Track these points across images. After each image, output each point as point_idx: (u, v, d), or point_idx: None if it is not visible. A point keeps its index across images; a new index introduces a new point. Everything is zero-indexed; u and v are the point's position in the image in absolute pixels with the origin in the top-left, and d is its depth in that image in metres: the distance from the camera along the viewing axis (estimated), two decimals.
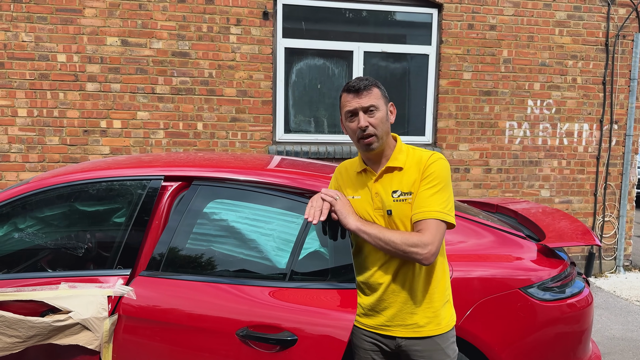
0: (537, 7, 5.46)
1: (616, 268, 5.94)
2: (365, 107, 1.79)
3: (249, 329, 1.92)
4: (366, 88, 1.80)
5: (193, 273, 2.11)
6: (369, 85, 1.81)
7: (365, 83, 1.81)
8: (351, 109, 1.81)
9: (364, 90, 1.80)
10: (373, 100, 1.80)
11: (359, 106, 1.80)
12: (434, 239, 1.72)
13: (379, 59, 5.38)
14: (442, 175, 1.80)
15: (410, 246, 1.71)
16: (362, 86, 1.80)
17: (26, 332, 1.97)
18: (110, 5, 4.67)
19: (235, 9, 4.88)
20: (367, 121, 1.78)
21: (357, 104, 1.80)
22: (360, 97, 1.80)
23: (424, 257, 1.72)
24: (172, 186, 2.31)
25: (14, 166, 4.67)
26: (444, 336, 1.87)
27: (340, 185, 1.99)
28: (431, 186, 1.78)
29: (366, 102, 1.79)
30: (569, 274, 2.52)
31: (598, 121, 5.74)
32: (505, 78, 5.48)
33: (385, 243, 1.74)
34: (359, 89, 1.80)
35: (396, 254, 1.76)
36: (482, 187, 5.56)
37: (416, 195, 1.79)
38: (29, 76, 4.60)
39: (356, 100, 1.80)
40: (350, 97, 1.81)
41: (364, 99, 1.79)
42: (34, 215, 2.34)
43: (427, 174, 1.80)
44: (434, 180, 1.79)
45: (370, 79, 1.84)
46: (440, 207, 1.76)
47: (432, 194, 1.77)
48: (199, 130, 4.93)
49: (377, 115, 1.80)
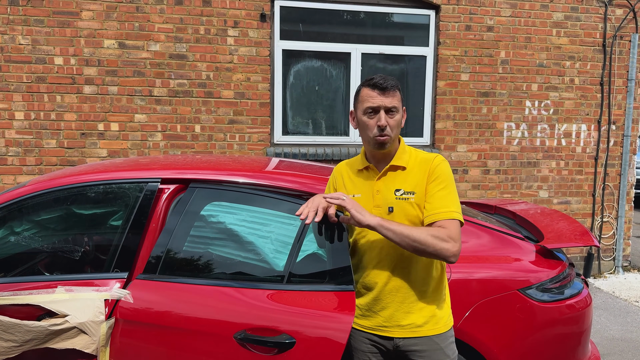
0: (534, 8, 5.46)
1: (615, 269, 5.94)
2: (388, 107, 1.80)
3: (247, 331, 1.91)
4: (392, 88, 1.80)
5: (190, 276, 2.10)
6: (394, 86, 1.81)
7: (391, 83, 1.81)
8: (374, 105, 1.80)
9: (390, 90, 1.80)
10: (396, 102, 1.81)
11: (383, 105, 1.80)
12: (459, 236, 1.74)
13: (376, 61, 5.38)
14: (450, 176, 1.84)
15: (441, 241, 1.70)
16: (388, 86, 1.80)
17: (22, 337, 1.96)
18: (108, 8, 4.67)
19: (232, 11, 4.88)
20: (387, 121, 1.79)
21: (381, 102, 1.80)
22: (386, 97, 1.80)
23: (453, 253, 1.72)
24: (170, 189, 2.30)
25: (11, 169, 4.66)
26: (443, 336, 1.86)
27: (337, 186, 1.98)
28: (442, 187, 1.80)
29: (390, 102, 1.80)
30: (568, 275, 2.52)
31: (596, 122, 5.75)
32: (503, 79, 5.48)
33: (413, 240, 1.70)
34: (385, 88, 1.80)
35: (423, 251, 1.72)
36: (481, 188, 5.56)
37: (428, 196, 1.80)
38: (26, 79, 4.59)
39: (381, 99, 1.80)
40: (375, 94, 1.80)
41: (389, 98, 1.80)
42: (31, 218, 2.33)
43: (436, 176, 1.81)
44: (444, 182, 1.81)
45: (395, 80, 1.84)
46: (455, 207, 1.79)
47: (445, 194, 1.79)
48: (196, 133, 4.92)
49: (397, 117, 1.82)
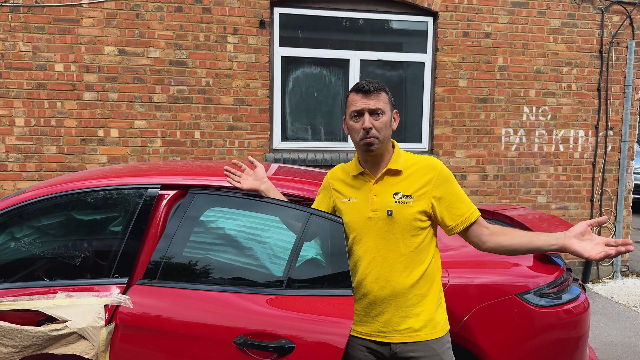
0: (531, 14, 5.50)
1: (613, 274, 5.95)
2: (372, 109, 1.83)
3: (247, 336, 1.92)
4: (375, 91, 1.84)
5: (190, 281, 2.11)
6: (378, 88, 1.84)
7: (374, 86, 1.84)
8: (358, 109, 1.83)
9: (373, 93, 1.83)
10: (380, 104, 1.83)
11: (366, 107, 1.83)
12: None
13: (375, 67, 5.41)
14: (452, 175, 1.92)
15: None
16: (371, 88, 1.83)
17: (22, 342, 1.97)
18: (108, 15, 4.70)
19: (232, 18, 4.91)
20: (371, 123, 1.81)
21: (364, 105, 1.83)
22: (369, 99, 1.83)
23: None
24: (169, 194, 2.31)
25: (12, 175, 4.67)
26: (440, 341, 1.86)
27: (332, 194, 2.00)
28: (456, 190, 1.90)
29: (373, 104, 1.83)
30: (565, 280, 2.53)
31: (593, 127, 5.77)
32: (501, 85, 5.51)
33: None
34: (368, 90, 1.83)
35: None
36: (479, 193, 5.57)
37: (448, 203, 1.87)
38: (27, 86, 4.61)
39: (364, 101, 1.83)
40: (359, 98, 1.84)
41: (372, 101, 1.83)
42: (31, 224, 2.34)
43: (444, 180, 1.88)
44: (454, 184, 1.90)
45: (379, 83, 1.87)
46: (470, 202, 1.92)
47: (462, 196, 1.90)
48: (196, 139, 4.94)
49: (382, 119, 1.84)
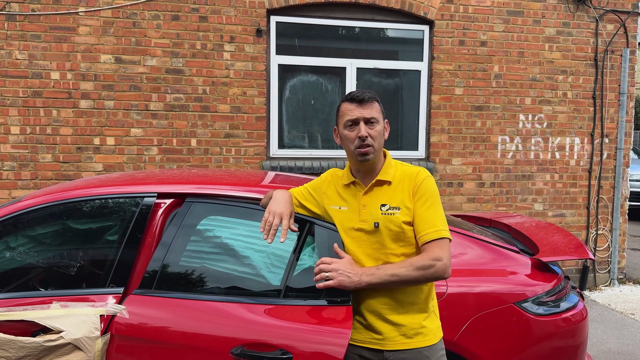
0: (526, 23, 5.54)
1: (610, 281, 5.95)
2: (367, 118, 1.83)
3: (244, 347, 1.90)
4: (369, 100, 1.85)
5: (187, 291, 2.09)
6: (371, 98, 1.86)
7: (368, 95, 1.85)
8: (353, 118, 1.84)
9: (367, 102, 1.84)
10: (374, 113, 1.85)
11: (361, 116, 1.83)
12: (446, 252, 1.78)
13: (371, 75, 5.43)
14: (434, 191, 1.86)
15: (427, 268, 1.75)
16: (365, 97, 1.84)
17: (17, 353, 1.94)
18: (105, 23, 4.70)
19: (228, 27, 4.92)
20: (367, 131, 1.82)
21: (359, 114, 1.83)
22: (364, 108, 1.84)
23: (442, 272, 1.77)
24: (166, 203, 2.30)
25: (6, 184, 4.64)
26: (433, 348, 1.86)
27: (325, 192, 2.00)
28: (428, 205, 1.83)
29: (368, 113, 1.84)
30: (563, 288, 2.53)
31: (589, 135, 5.80)
32: (497, 93, 5.54)
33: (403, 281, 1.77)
34: (362, 99, 1.84)
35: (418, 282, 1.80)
36: (476, 201, 5.58)
37: (415, 216, 1.83)
38: (22, 94, 4.60)
39: (359, 110, 1.84)
40: (353, 107, 1.85)
41: (367, 110, 1.84)
42: (26, 233, 2.32)
43: (421, 194, 1.84)
44: (428, 199, 1.84)
45: (372, 93, 1.88)
46: (441, 223, 1.82)
47: (431, 213, 1.82)
48: (192, 147, 4.93)
49: (377, 128, 1.85)
